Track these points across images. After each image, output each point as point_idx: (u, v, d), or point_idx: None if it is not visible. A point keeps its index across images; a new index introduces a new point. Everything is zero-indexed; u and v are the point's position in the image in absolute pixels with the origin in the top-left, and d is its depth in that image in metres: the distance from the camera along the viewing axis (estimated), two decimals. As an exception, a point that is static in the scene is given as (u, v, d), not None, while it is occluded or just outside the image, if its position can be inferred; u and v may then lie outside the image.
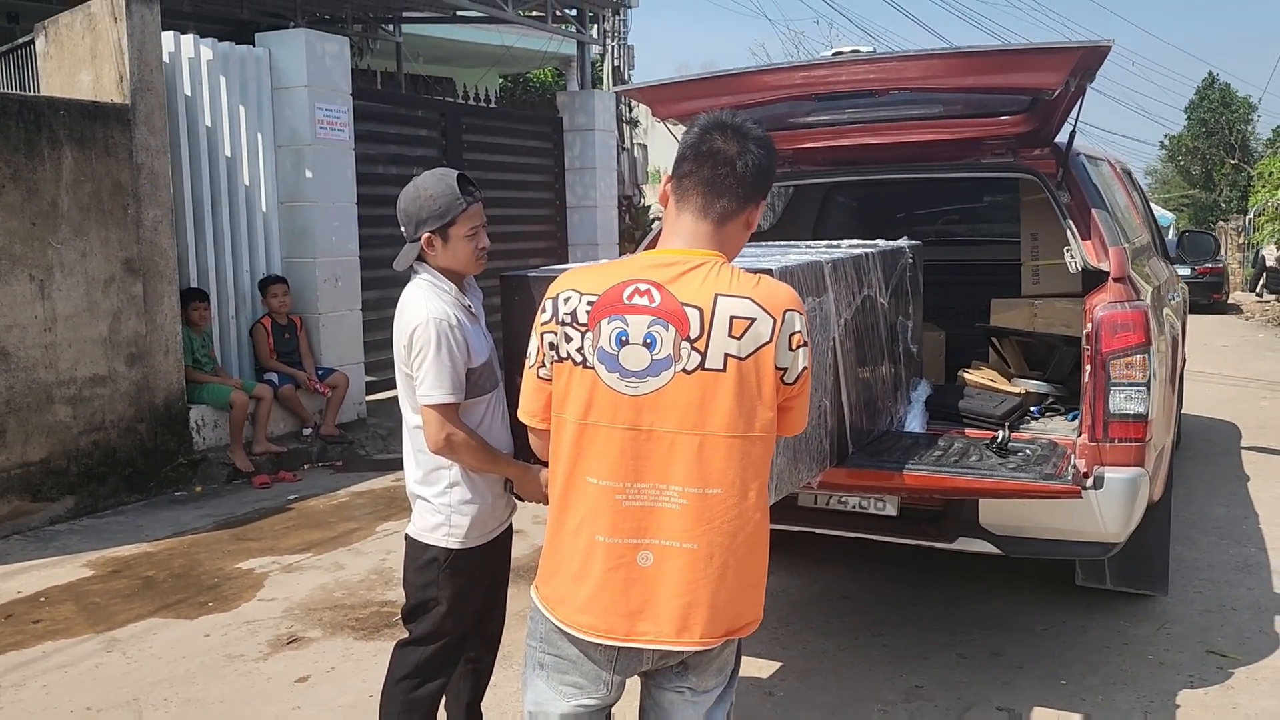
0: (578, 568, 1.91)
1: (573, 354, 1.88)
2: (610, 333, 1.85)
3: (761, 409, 1.85)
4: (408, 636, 2.87)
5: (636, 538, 1.86)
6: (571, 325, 1.88)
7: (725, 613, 1.89)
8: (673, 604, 1.86)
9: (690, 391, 1.82)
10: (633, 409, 1.84)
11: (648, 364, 1.83)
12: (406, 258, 2.78)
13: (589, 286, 1.90)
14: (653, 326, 1.83)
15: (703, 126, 1.95)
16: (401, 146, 9.08)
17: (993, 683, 3.74)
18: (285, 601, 4.70)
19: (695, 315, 1.83)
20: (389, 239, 8.65)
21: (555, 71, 19.55)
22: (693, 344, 1.82)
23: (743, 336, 1.82)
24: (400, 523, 5.87)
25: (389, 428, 8.13)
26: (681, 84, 3.86)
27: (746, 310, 1.83)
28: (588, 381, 1.87)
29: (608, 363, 1.85)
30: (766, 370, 1.84)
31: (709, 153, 1.91)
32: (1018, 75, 3.36)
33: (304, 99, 7.55)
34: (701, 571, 1.86)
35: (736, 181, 1.91)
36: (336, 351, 7.89)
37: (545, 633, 2.01)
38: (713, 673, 2.00)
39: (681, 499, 1.84)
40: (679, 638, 1.88)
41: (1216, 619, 4.29)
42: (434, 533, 2.76)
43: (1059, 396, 4.00)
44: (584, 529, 1.90)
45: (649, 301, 1.84)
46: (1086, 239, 3.55)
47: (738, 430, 1.84)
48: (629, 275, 1.88)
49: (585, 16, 11.19)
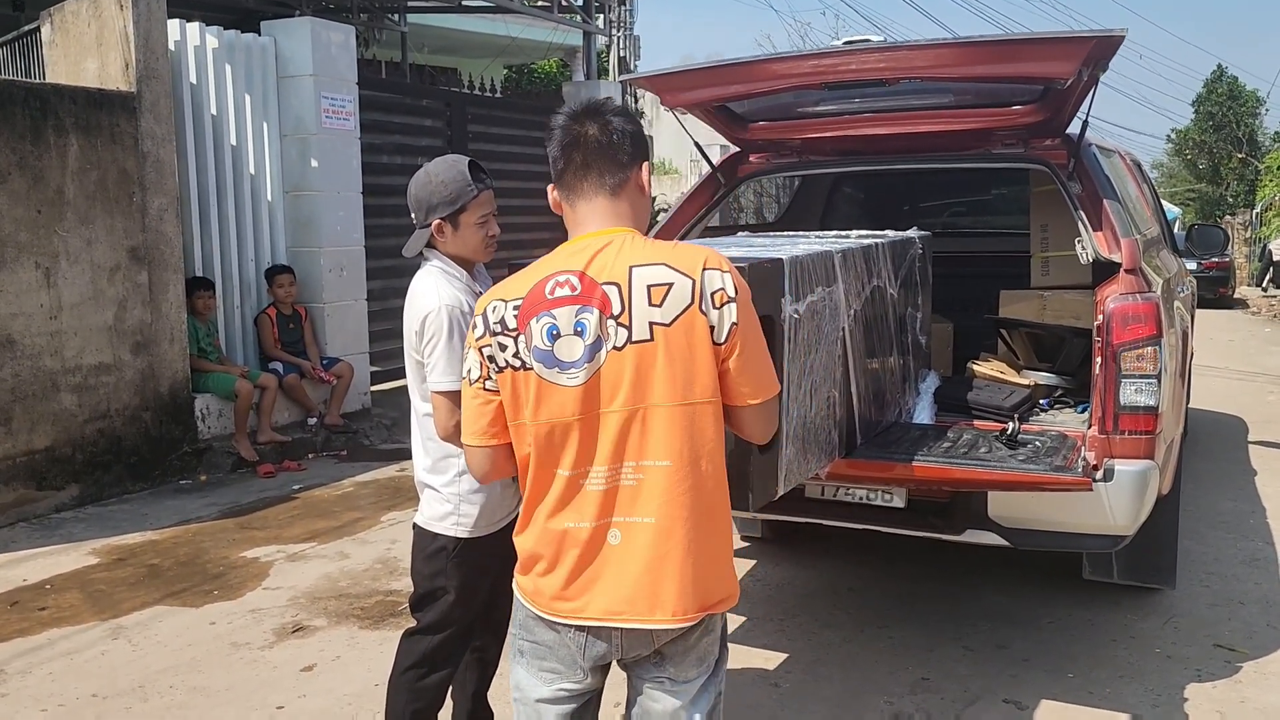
0: (551, 557, 1.92)
1: (510, 360, 1.89)
2: (541, 330, 1.86)
3: (699, 373, 1.85)
4: (415, 625, 2.86)
5: (605, 518, 1.88)
6: (503, 333, 1.89)
7: (694, 588, 1.89)
8: (642, 580, 1.87)
9: (625, 367, 1.83)
10: (578, 398, 1.86)
11: (582, 351, 1.84)
12: (416, 244, 2.77)
13: (512, 292, 1.92)
14: (580, 314, 1.85)
15: (559, 124, 2.00)
16: (407, 136, 9.06)
17: (999, 675, 3.73)
18: (290, 590, 4.70)
19: (614, 292, 1.84)
20: (394, 229, 8.67)
21: (560, 62, 19.53)
22: (618, 320, 1.83)
23: (663, 302, 1.82)
24: (405, 512, 5.87)
25: (393, 417, 8.13)
26: (690, 73, 3.83)
27: (662, 276, 1.84)
28: (531, 383, 1.88)
29: (544, 360, 1.86)
30: (697, 333, 1.84)
31: (573, 141, 1.96)
32: (1030, 65, 3.34)
33: (310, 88, 7.53)
34: (664, 546, 1.86)
35: (611, 151, 1.95)
36: (341, 341, 7.88)
37: (523, 619, 2.03)
38: (692, 663, 1.98)
39: (637, 474, 1.86)
40: (651, 615, 1.88)
41: (1224, 613, 4.27)
42: (442, 522, 2.75)
43: (1068, 388, 3.98)
44: (555, 519, 1.91)
45: (570, 291, 1.86)
46: (1098, 230, 3.53)
47: (676, 399, 1.84)
48: (547, 271, 1.91)
49: (591, 6, 11.16)
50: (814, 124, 4.18)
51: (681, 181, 18.20)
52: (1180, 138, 38.12)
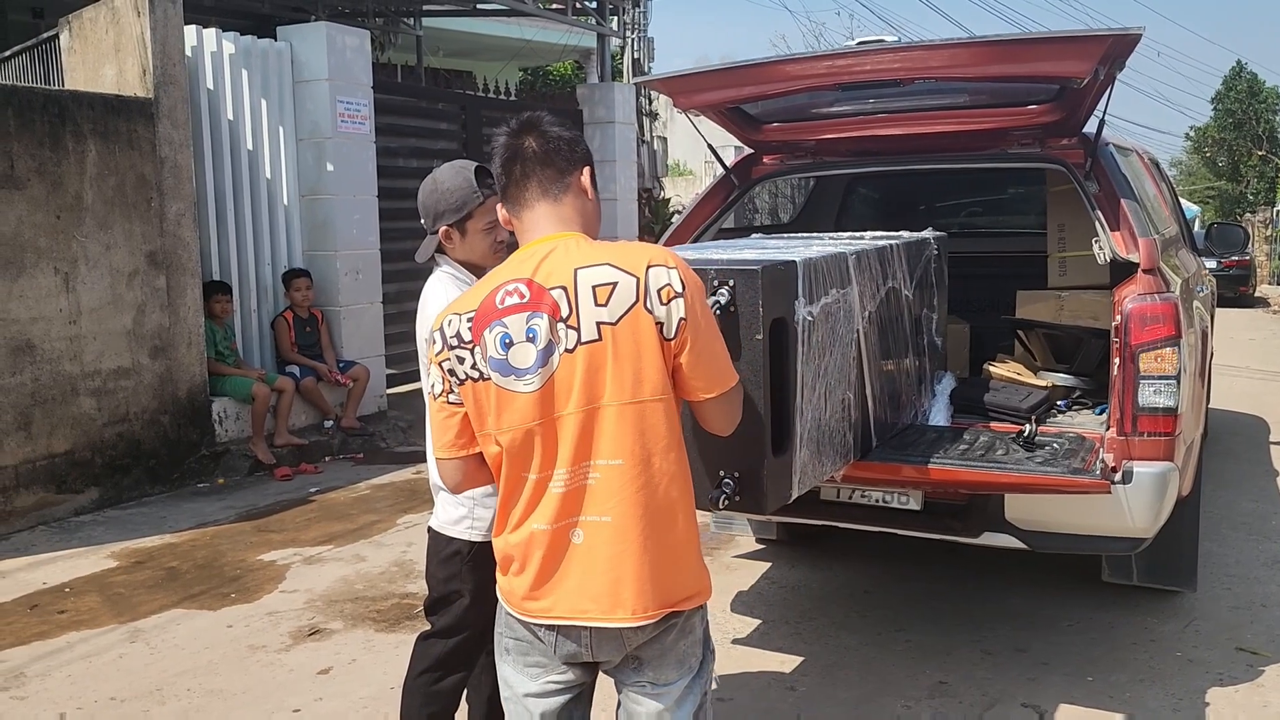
0: (521, 558, 1.95)
1: (469, 373, 1.92)
2: (494, 340, 1.88)
3: (648, 371, 1.86)
4: (430, 629, 2.86)
5: (567, 518, 1.90)
6: (459, 347, 1.92)
7: (653, 585, 1.89)
8: (602, 579, 1.89)
9: (576, 368, 1.85)
10: (536, 403, 1.87)
11: (535, 356, 1.86)
12: (426, 250, 2.78)
13: (465, 306, 1.95)
14: (530, 320, 1.87)
15: (499, 142, 2.04)
16: (421, 139, 9.08)
17: (1018, 679, 3.70)
18: (307, 593, 4.71)
19: (561, 295, 1.86)
20: (409, 232, 8.67)
21: (575, 64, 19.55)
22: (566, 323, 1.85)
23: (609, 301, 1.84)
24: (421, 515, 5.88)
25: (409, 420, 8.15)
26: (704, 74, 3.82)
27: (606, 276, 1.86)
28: (490, 393, 1.90)
29: (500, 369, 1.88)
30: (644, 330, 1.85)
31: (512, 154, 1.99)
32: (1046, 64, 3.31)
33: (325, 92, 7.56)
34: (621, 545, 1.88)
35: (548, 158, 1.97)
36: (357, 344, 7.91)
37: (505, 618, 2.06)
38: (671, 665, 1.98)
39: (595, 474, 1.88)
40: (613, 613, 1.89)
41: (1246, 616, 4.23)
42: (457, 525, 2.75)
43: (1086, 390, 3.94)
44: (525, 523, 1.93)
45: (519, 299, 1.89)
46: (1115, 230, 3.50)
47: (625, 397, 1.85)
48: (497, 281, 1.93)
49: (605, 9, 11.16)
50: (828, 125, 4.16)
51: (696, 183, 18.21)
52: (1199, 135, 37.80)
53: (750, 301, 2.37)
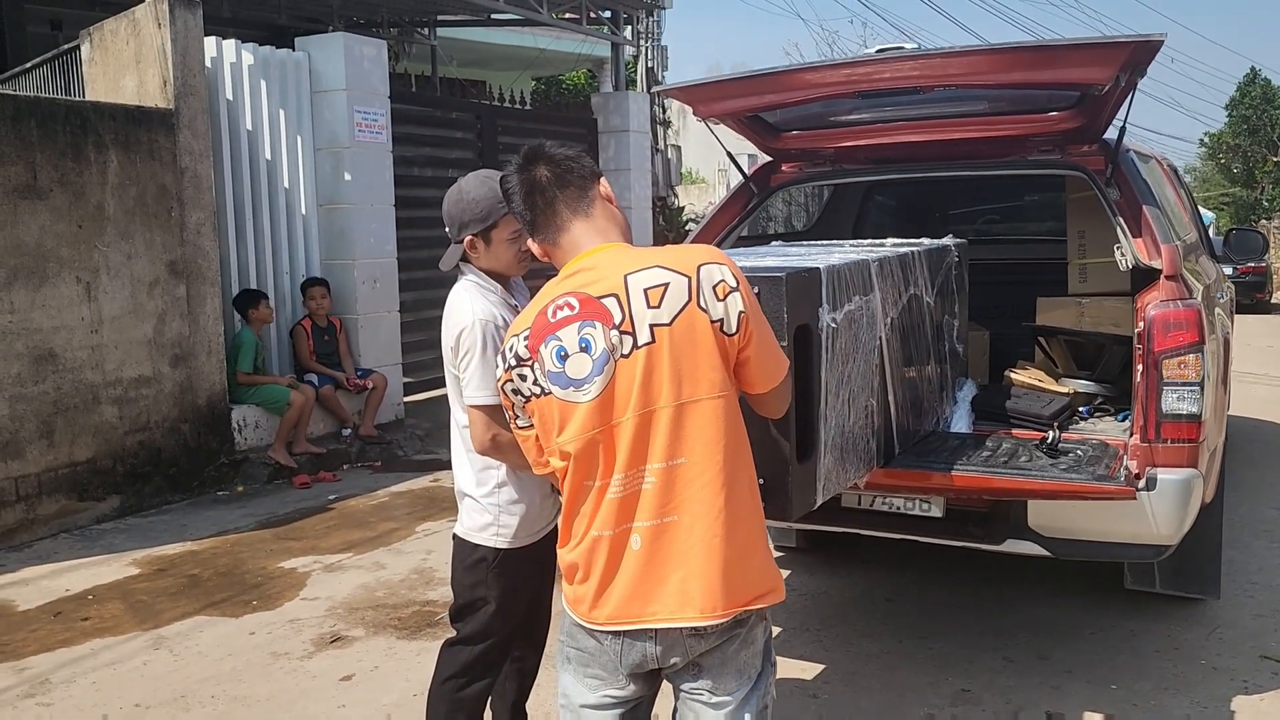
0: (586, 566, 1.97)
1: (531, 389, 1.95)
2: (550, 354, 1.91)
3: (705, 369, 1.87)
4: (455, 636, 2.87)
5: (625, 524, 1.91)
6: (520, 365, 1.95)
7: (723, 583, 1.90)
8: (669, 579, 1.90)
9: (634, 373, 1.86)
10: (596, 412, 1.89)
11: (591, 366, 1.88)
12: (451, 259, 2.80)
13: (521, 326, 1.98)
14: (583, 330, 1.89)
15: (511, 183, 2.08)
16: (438, 149, 9.12)
17: (1041, 686, 3.69)
18: (328, 600, 4.73)
19: (613, 302, 1.87)
20: (426, 241, 8.73)
21: (588, 73, 19.60)
22: (620, 330, 1.86)
23: (661, 303, 1.85)
24: (440, 523, 5.90)
25: (427, 428, 8.18)
26: (722, 83, 3.84)
27: (657, 278, 1.87)
28: (552, 407, 1.93)
29: (559, 381, 1.91)
30: (700, 329, 1.86)
31: (529, 187, 2.03)
32: (1067, 71, 3.32)
33: (343, 102, 7.61)
34: (688, 542, 1.89)
35: (565, 179, 2.02)
36: (375, 353, 7.94)
37: (569, 627, 2.07)
38: (731, 675, 1.98)
39: (652, 477, 1.88)
40: (681, 612, 1.90)
41: (1270, 624, 4.20)
42: (482, 532, 2.76)
43: (1108, 397, 3.93)
44: (589, 530, 1.95)
45: (570, 310, 1.91)
46: (1137, 236, 3.49)
47: (684, 397, 1.86)
48: (549, 298, 1.96)
49: (619, 18, 11.19)
50: (847, 132, 4.17)
51: (709, 192, 18.22)
52: (1214, 141, 37.62)
53: (774, 308, 2.38)
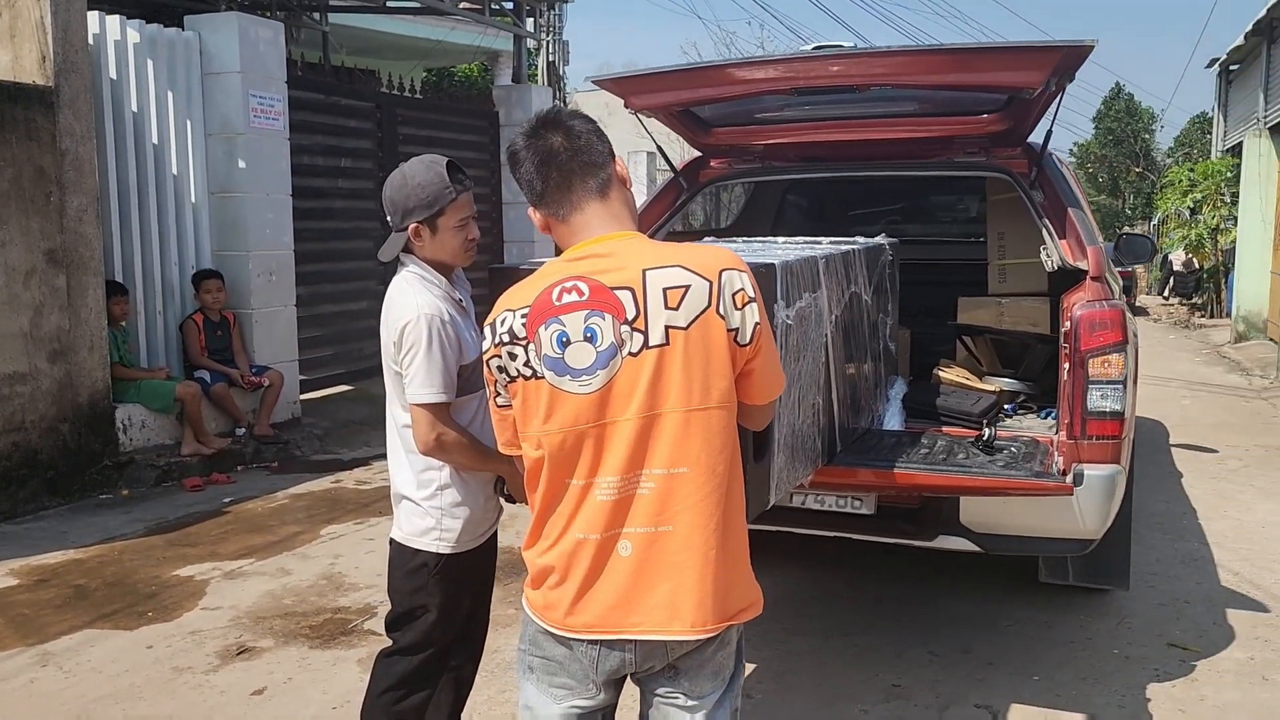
0: (563, 569, 1.87)
1: (521, 370, 1.85)
2: (550, 337, 1.81)
3: (715, 378, 1.81)
4: (391, 646, 2.73)
5: (615, 529, 1.83)
6: (512, 343, 1.85)
7: (714, 598, 1.84)
8: (658, 591, 1.82)
9: (640, 373, 1.79)
10: (592, 406, 1.81)
11: (594, 358, 1.79)
12: (392, 248, 2.65)
13: (519, 301, 1.87)
14: (590, 319, 1.80)
15: (521, 147, 1.94)
16: (335, 138, 8.79)
17: (967, 679, 3.74)
18: (231, 610, 4.48)
19: (628, 296, 1.79)
20: (322, 232, 8.46)
21: (481, 66, 19.28)
22: (632, 326, 1.78)
23: (680, 305, 1.78)
24: (346, 525, 5.68)
25: (325, 427, 7.90)
26: (657, 75, 3.78)
27: (678, 278, 1.79)
28: (542, 392, 1.83)
29: (555, 367, 1.81)
30: (715, 336, 1.80)
31: (543, 157, 1.90)
32: (1000, 74, 3.36)
33: (237, 85, 7.26)
34: (682, 554, 1.82)
35: (585, 155, 1.90)
36: (270, 349, 7.61)
37: (533, 635, 1.97)
38: (706, 676, 1.93)
39: (649, 482, 1.81)
40: (669, 626, 1.83)
41: (1172, 612, 4.37)
42: (423, 537, 2.63)
43: (1030, 394, 4.02)
44: (567, 531, 1.86)
45: (578, 296, 1.81)
46: (1063, 238, 3.57)
47: (694, 404, 1.79)
48: (553, 278, 1.85)
49: (522, 10, 11.02)
50: (777, 129, 4.16)
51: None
52: (1082, 151, 39.52)
53: None
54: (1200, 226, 16.82)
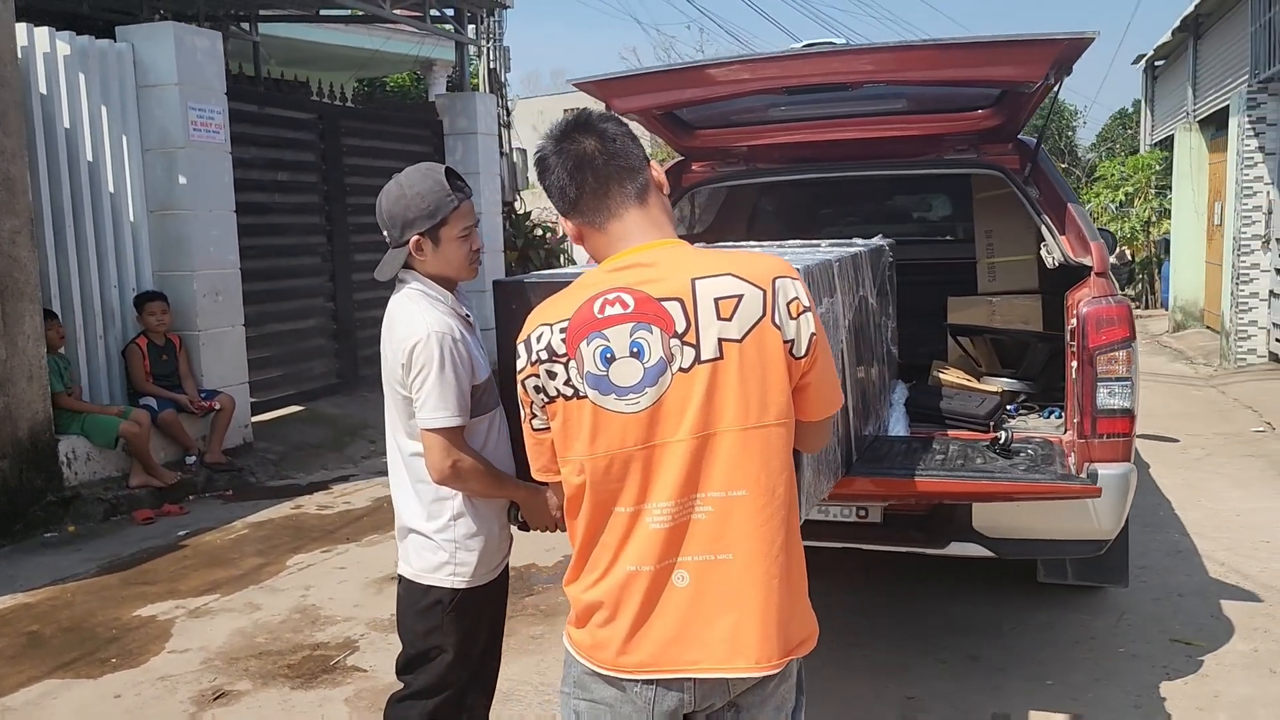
0: (613, 605, 1.73)
1: (561, 389, 1.71)
2: (593, 353, 1.68)
3: (773, 393, 1.69)
4: (404, 690, 2.56)
5: (670, 558, 1.70)
6: (550, 361, 1.71)
7: (778, 630, 1.72)
8: (718, 624, 1.70)
9: (692, 390, 1.67)
10: (640, 426, 1.68)
11: (641, 375, 1.67)
12: (392, 265, 2.48)
13: (556, 315, 1.73)
14: (636, 333, 1.68)
15: (550, 153, 1.81)
16: (277, 150, 8.51)
17: (981, 688, 3.66)
18: (201, 651, 4.22)
19: (676, 308, 1.67)
20: (268, 249, 8.16)
21: (414, 75, 18.95)
22: (682, 339, 1.67)
23: (733, 316, 1.67)
24: (313, 554, 5.44)
25: (279, 451, 7.61)
26: (642, 77, 3.65)
27: (730, 287, 1.68)
28: (586, 412, 1.70)
29: (600, 385, 1.68)
30: (771, 347, 1.68)
31: (577, 161, 1.78)
32: (1000, 68, 3.29)
33: (175, 98, 6.94)
34: (742, 584, 1.70)
35: (621, 159, 1.79)
36: (219, 372, 7.29)
37: (578, 676, 1.82)
38: (769, 713, 1.81)
39: (706, 506, 1.69)
40: (731, 662, 1.71)
41: (1168, 607, 4.35)
42: (437, 573, 2.46)
43: (1030, 394, 3.97)
44: (616, 563, 1.73)
45: (622, 309, 1.69)
46: (1063, 234, 3.52)
47: (750, 421, 1.68)
48: (594, 289, 1.72)
49: (464, 17, 10.81)
50: (762, 130, 4.05)
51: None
52: (1007, 149, 40.22)
53: None
54: (1133, 219, 17.16)
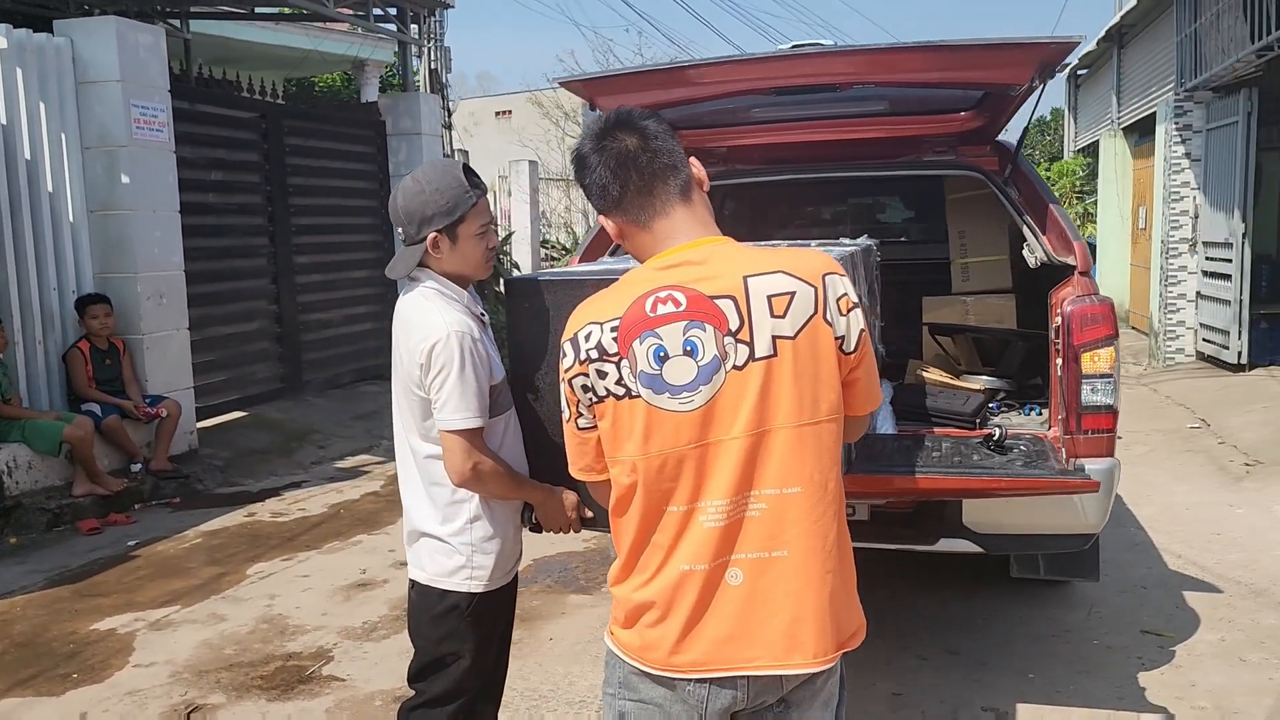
0: (665, 605, 1.73)
1: (612, 389, 1.71)
2: (646, 352, 1.68)
3: (825, 389, 1.71)
4: (417, 698, 2.50)
5: (724, 556, 1.70)
6: (601, 360, 1.71)
7: (832, 624, 1.74)
8: (774, 622, 1.71)
9: (746, 388, 1.67)
10: (694, 425, 1.68)
11: (695, 373, 1.67)
12: (407, 263, 2.42)
13: (606, 313, 1.73)
14: (689, 331, 1.67)
15: (590, 151, 1.81)
16: (220, 150, 8.26)
17: (964, 682, 3.71)
18: (167, 665, 4.08)
19: (729, 305, 1.68)
20: (211, 251, 7.92)
21: (344, 76, 18.65)
22: (736, 337, 1.67)
23: (786, 313, 1.68)
24: (273, 563, 5.30)
25: (226, 457, 7.39)
26: (630, 76, 3.64)
27: (782, 285, 1.69)
28: (639, 412, 1.69)
29: (653, 385, 1.68)
30: (823, 344, 1.70)
31: (620, 160, 1.78)
32: (989, 70, 3.34)
33: (117, 95, 6.70)
34: (798, 580, 1.71)
35: (664, 157, 1.78)
36: (163, 376, 7.06)
37: (624, 677, 1.81)
38: (817, 707, 1.81)
39: (760, 504, 1.69)
40: (789, 659, 1.72)
41: (1134, 599, 4.47)
42: (452, 577, 2.41)
43: (1009, 391, 4.03)
44: (668, 562, 1.72)
45: (675, 307, 1.69)
46: (1046, 233, 3.59)
47: (804, 418, 1.69)
48: (644, 287, 1.72)
49: (406, 16, 10.66)
50: (742, 131, 4.06)
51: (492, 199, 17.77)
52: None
53: None
54: (1059, 224, 17.63)
